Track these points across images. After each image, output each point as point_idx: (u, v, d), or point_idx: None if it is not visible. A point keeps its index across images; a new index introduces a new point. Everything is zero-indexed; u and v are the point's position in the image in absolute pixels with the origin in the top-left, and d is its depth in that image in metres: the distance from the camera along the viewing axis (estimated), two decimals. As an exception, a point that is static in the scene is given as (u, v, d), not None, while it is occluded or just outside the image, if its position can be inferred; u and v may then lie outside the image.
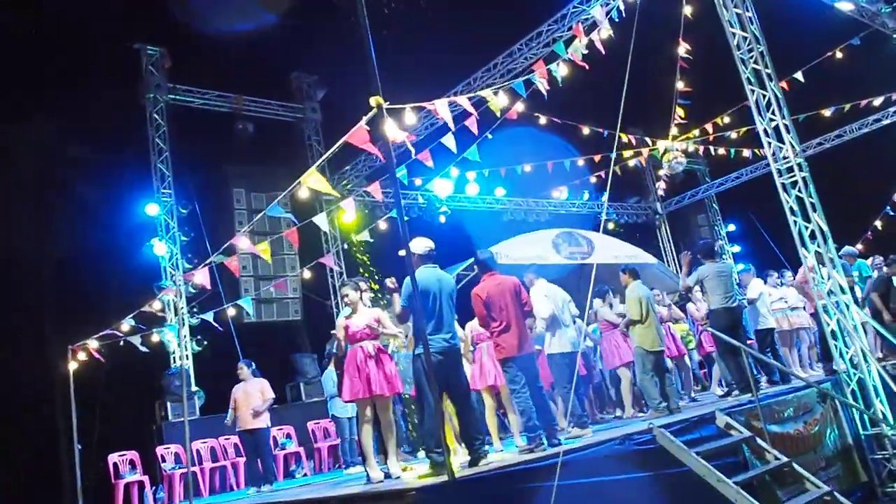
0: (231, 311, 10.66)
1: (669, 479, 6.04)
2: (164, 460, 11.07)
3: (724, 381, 9.45)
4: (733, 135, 15.67)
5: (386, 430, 6.51)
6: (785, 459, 6.58)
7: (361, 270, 13.89)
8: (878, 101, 15.84)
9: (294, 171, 14.85)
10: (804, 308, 11.03)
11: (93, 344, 10.28)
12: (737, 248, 21.09)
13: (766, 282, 11.14)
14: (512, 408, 7.28)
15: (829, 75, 13.68)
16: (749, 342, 9.69)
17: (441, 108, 6.45)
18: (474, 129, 8.61)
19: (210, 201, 13.88)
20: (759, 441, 6.74)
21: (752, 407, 7.22)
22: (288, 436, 11.77)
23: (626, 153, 15.59)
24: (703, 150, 16.45)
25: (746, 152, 16.82)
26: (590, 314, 9.78)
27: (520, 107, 9.39)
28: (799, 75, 12.49)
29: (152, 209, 13.08)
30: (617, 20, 8.73)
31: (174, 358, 12.76)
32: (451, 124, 6.68)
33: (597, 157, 15.30)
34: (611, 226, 19.04)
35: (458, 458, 6.43)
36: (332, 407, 9.73)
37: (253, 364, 9.40)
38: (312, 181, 6.62)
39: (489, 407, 7.54)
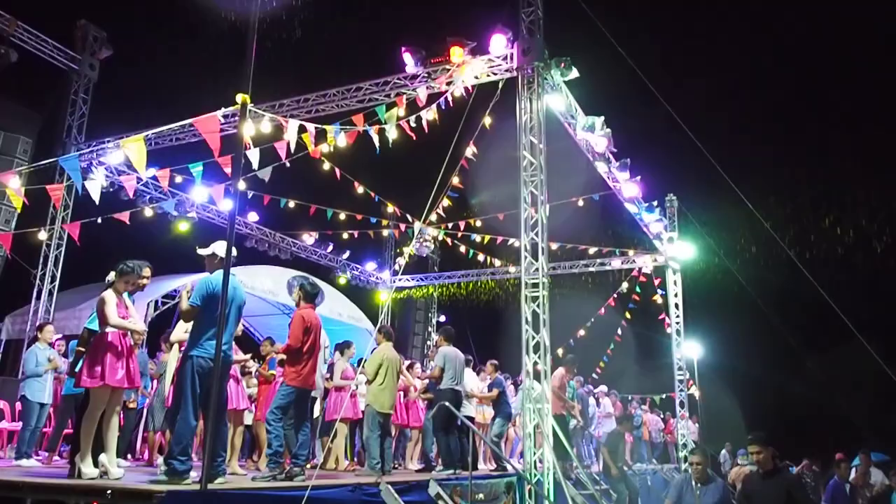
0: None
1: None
2: None
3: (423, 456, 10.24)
4: (478, 238, 17.32)
5: (115, 426, 6.12)
6: (479, 535, 7.33)
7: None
8: (592, 250, 18.59)
9: (51, 122, 13.54)
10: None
11: None
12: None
13: (477, 375, 12.31)
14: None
15: (569, 216, 15.93)
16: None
17: (292, 127, 6.55)
18: (282, 153, 8.76)
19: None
20: (461, 514, 7.45)
21: (459, 484, 7.96)
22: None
23: (385, 222, 16.42)
24: (449, 242, 17.87)
25: (481, 256, 18.62)
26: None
27: (324, 147, 9.71)
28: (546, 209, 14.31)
29: None
30: (443, 108, 9.49)
31: None
32: (292, 143, 6.78)
33: (359, 217, 15.88)
34: (342, 281, 19.55)
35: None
36: (27, 387, 8.67)
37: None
38: (132, 148, 6.22)
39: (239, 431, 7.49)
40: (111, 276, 6.40)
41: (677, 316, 17.68)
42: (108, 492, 4.89)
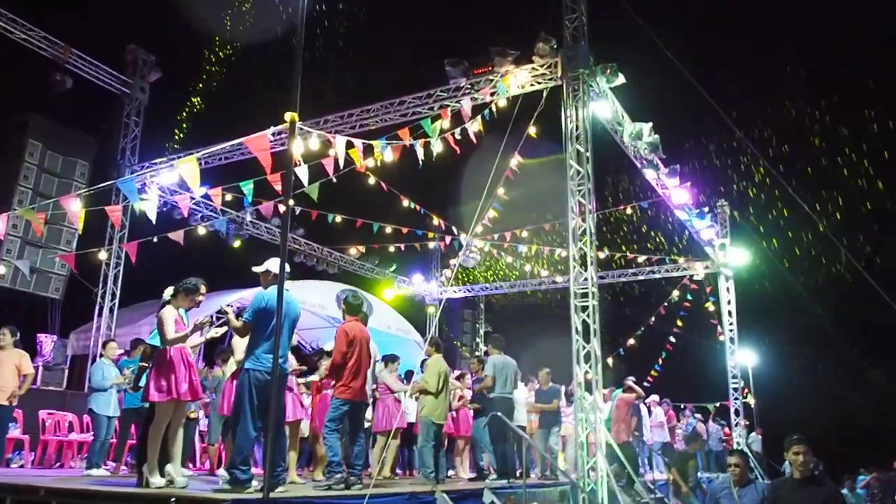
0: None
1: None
2: None
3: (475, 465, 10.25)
4: (524, 249, 17.29)
5: (179, 438, 6.29)
6: (536, 544, 7.30)
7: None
8: (641, 258, 18.39)
9: (105, 145, 14.02)
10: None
11: None
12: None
13: (526, 385, 12.26)
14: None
15: (615, 224, 15.82)
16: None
17: (339, 143, 6.66)
18: (329, 169, 8.88)
19: (-4, 144, 12.47)
20: (516, 523, 7.43)
21: (513, 492, 7.95)
22: (14, 419, 10.53)
23: (431, 234, 16.50)
24: (495, 253, 17.89)
25: (528, 267, 18.58)
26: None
27: (370, 162, 9.84)
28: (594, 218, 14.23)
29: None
30: (488, 119, 9.54)
31: None
32: (340, 160, 6.89)
33: (404, 230, 15.97)
34: (389, 294, 19.72)
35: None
36: (94, 401, 8.95)
37: (18, 333, 8.45)
38: (186, 168, 6.41)
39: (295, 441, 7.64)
40: (168, 293, 6.57)
41: (731, 324, 17.38)
42: (174, 500, 5.02)
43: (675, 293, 18.24)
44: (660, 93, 14.41)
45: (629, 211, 15.82)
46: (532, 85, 11.09)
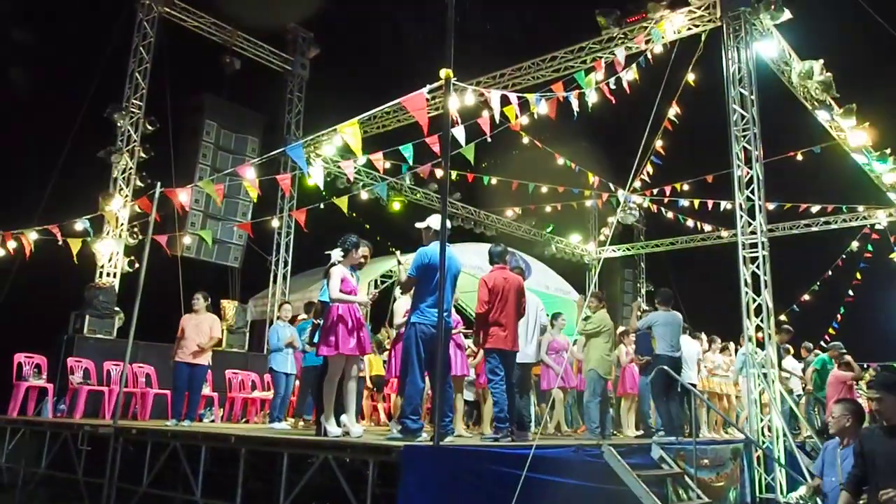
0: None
1: (607, 494, 6.44)
2: (72, 372, 10.66)
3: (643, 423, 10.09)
4: (685, 202, 16.60)
5: (353, 389, 6.64)
6: (707, 500, 7.12)
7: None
8: (815, 209, 17.12)
9: (271, 121, 14.93)
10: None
11: (31, 235, 10.02)
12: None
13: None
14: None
15: (785, 172, 14.78)
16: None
17: (494, 97, 6.69)
18: (486, 128, 8.90)
19: (178, 126, 13.52)
20: (687, 479, 7.26)
21: (681, 449, 7.77)
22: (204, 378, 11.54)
23: (588, 192, 16.25)
24: (655, 209, 17.34)
25: (690, 222, 17.85)
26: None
27: (523, 120, 9.75)
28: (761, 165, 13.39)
29: (118, 116, 12.62)
30: (643, 66, 9.21)
31: (101, 273, 12.40)
32: (496, 115, 6.92)
33: (560, 189, 15.83)
34: (547, 254, 19.70)
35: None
36: (273, 361, 9.65)
37: (209, 298, 9.25)
38: (348, 132, 6.68)
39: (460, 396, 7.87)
40: (335, 255, 6.84)
41: (920, 274, 15.94)
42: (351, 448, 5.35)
43: (855, 244, 16.94)
44: (831, 26, 13.22)
45: (799, 157, 14.70)
46: (689, 29, 10.61)
